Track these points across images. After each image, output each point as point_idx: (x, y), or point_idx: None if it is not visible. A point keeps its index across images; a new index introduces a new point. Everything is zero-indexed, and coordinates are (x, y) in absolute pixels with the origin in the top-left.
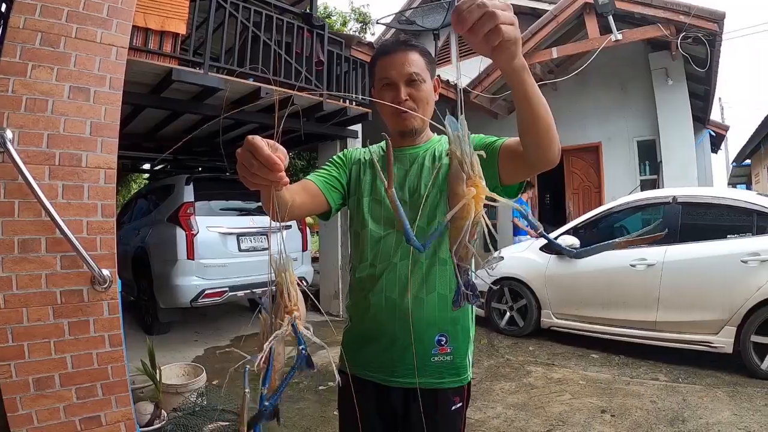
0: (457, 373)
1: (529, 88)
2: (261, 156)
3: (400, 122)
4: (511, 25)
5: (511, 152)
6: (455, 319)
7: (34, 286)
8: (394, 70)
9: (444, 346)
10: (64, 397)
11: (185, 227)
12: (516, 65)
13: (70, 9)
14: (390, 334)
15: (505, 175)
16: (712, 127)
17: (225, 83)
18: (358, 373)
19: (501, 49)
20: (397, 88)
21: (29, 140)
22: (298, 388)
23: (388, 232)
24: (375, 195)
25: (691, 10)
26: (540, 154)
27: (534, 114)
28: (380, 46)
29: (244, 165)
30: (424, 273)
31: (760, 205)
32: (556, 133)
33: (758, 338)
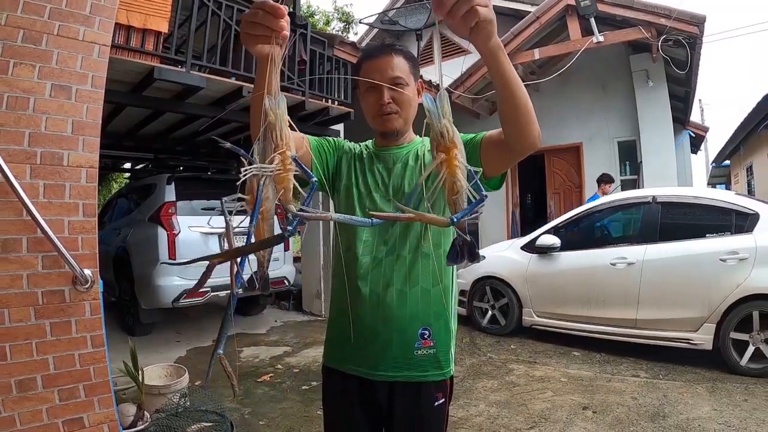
0: (440, 366)
1: (506, 66)
2: (267, 5)
3: (383, 124)
4: (486, 6)
5: (493, 142)
6: (438, 313)
7: (16, 286)
8: (378, 73)
9: (427, 340)
10: (47, 399)
11: (167, 227)
12: (492, 45)
13: (53, 6)
14: (373, 328)
15: (487, 166)
16: (691, 128)
17: (207, 82)
18: (341, 367)
19: (478, 29)
20: (381, 92)
21: (10, 138)
22: (281, 388)
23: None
24: (362, 188)
25: (671, 13)
26: (521, 136)
27: (512, 93)
28: (365, 50)
29: (248, 19)
30: (408, 267)
31: (738, 205)
32: (535, 116)
33: (737, 335)
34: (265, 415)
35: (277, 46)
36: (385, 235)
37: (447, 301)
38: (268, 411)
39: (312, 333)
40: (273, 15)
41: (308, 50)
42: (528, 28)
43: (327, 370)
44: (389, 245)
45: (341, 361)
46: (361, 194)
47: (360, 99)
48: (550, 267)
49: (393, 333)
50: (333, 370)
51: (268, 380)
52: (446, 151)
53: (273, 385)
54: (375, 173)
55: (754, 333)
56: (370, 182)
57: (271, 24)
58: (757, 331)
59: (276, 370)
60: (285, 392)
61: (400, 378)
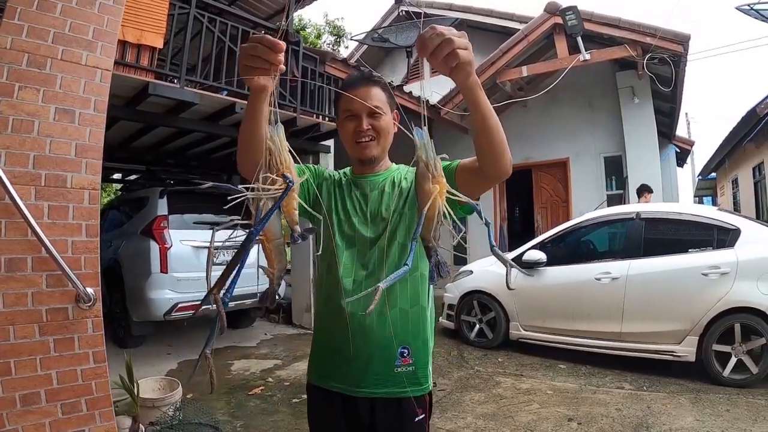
0: (419, 383)
1: (483, 100)
2: (266, 40)
3: (360, 151)
4: (466, 49)
5: (468, 170)
6: (416, 332)
7: (21, 304)
8: (357, 103)
9: (406, 358)
10: (50, 413)
11: (159, 240)
12: (471, 82)
13: (56, 31)
14: (355, 347)
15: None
16: (677, 143)
17: (200, 98)
18: (324, 384)
19: (458, 69)
20: (360, 119)
21: (16, 161)
22: (272, 401)
23: (351, 249)
24: (342, 215)
25: (657, 32)
26: (494, 164)
27: (487, 124)
28: (345, 80)
29: (247, 52)
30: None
31: (719, 221)
32: (507, 144)
33: (719, 347)
34: (257, 428)
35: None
36: (363, 259)
37: (424, 321)
38: (260, 424)
39: (302, 346)
40: (272, 50)
41: (300, 66)
42: (516, 45)
43: (311, 387)
44: (369, 269)
45: (324, 378)
46: (340, 220)
47: (339, 127)
48: (536, 282)
49: (374, 352)
50: (317, 387)
51: (259, 393)
52: (439, 183)
53: (264, 398)
54: (353, 199)
55: (736, 345)
56: (349, 208)
57: (270, 58)
58: (739, 343)
59: (267, 383)
60: (276, 405)
61: (380, 394)
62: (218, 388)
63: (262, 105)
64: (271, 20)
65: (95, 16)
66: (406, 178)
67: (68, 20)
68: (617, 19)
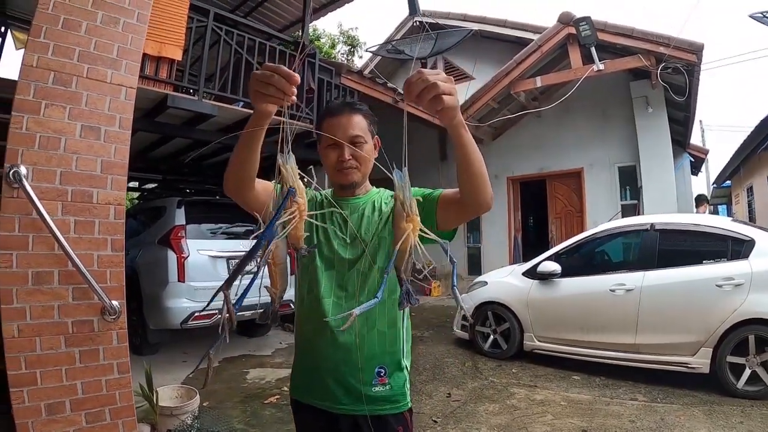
0: (396, 401)
1: (466, 139)
2: (282, 71)
3: (342, 177)
4: (450, 95)
5: (449, 201)
6: (392, 353)
7: (47, 316)
8: (339, 131)
9: (383, 377)
10: (74, 422)
11: (176, 250)
12: (455, 122)
13: (82, 49)
14: (334, 366)
15: (441, 221)
16: (692, 151)
17: (218, 110)
18: (307, 400)
19: (443, 112)
20: (342, 148)
21: (42, 177)
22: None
23: (330, 271)
24: (322, 236)
25: (670, 42)
26: (474, 197)
27: (469, 159)
28: (327, 107)
29: (261, 80)
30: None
31: (734, 231)
32: (488, 179)
33: (734, 358)
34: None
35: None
36: (342, 280)
37: (399, 342)
38: None
39: None
40: (287, 80)
41: (316, 79)
42: (530, 56)
43: (294, 402)
44: (349, 291)
45: (303, 393)
46: (320, 242)
47: (320, 154)
48: (551, 293)
49: (352, 371)
50: (299, 402)
51: (275, 402)
52: (413, 222)
53: (280, 406)
54: (333, 221)
55: (751, 356)
56: (329, 231)
57: (284, 88)
58: (753, 355)
59: (282, 392)
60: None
61: (361, 412)
62: (234, 397)
63: (262, 130)
64: (286, 31)
65: (119, 35)
66: (386, 203)
67: (93, 39)
68: (631, 29)
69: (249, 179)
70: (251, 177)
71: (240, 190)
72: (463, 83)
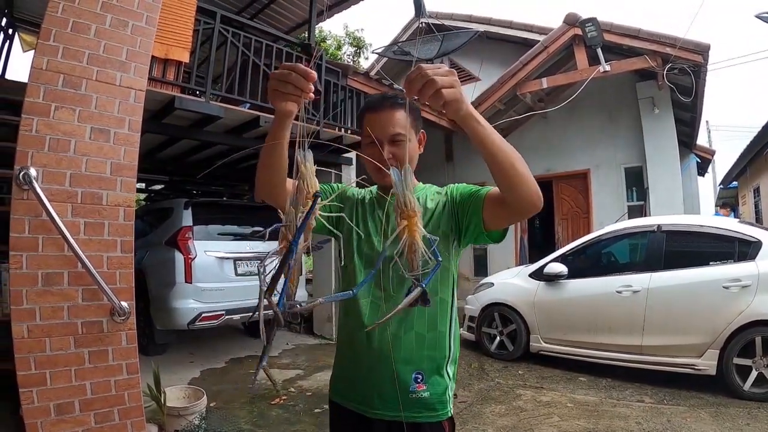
0: (434, 409)
1: (481, 131)
2: (299, 68)
3: (382, 178)
4: (451, 87)
5: (496, 199)
6: (432, 358)
7: (57, 317)
8: (379, 129)
9: (420, 383)
10: (83, 422)
11: (183, 251)
12: (462, 115)
13: (91, 52)
14: (369, 368)
15: (489, 221)
16: (698, 152)
17: (225, 111)
18: (342, 402)
19: (446, 106)
20: (381, 147)
21: (52, 179)
22: (294, 411)
23: (370, 270)
24: (363, 233)
25: (677, 43)
26: (512, 195)
27: (492, 153)
28: (368, 101)
29: (278, 78)
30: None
31: (741, 233)
32: (529, 176)
33: (740, 360)
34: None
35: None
36: (380, 280)
37: (442, 347)
38: None
39: (323, 356)
40: (305, 78)
41: (323, 80)
42: (536, 57)
43: (331, 403)
44: (387, 291)
45: (342, 396)
46: (360, 238)
47: (362, 150)
48: (557, 294)
49: (387, 375)
50: (336, 404)
51: (282, 403)
52: (408, 218)
53: (286, 407)
54: (375, 218)
55: (757, 358)
56: (370, 227)
57: (302, 86)
58: (760, 357)
59: (289, 393)
60: (299, 415)
61: (396, 418)
62: (240, 397)
63: (286, 131)
64: (292, 33)
65: (128, 38)
66: (432, 199)
67: (102, 41)
68: (637, 30)
69: (279, 183)
70: (281, 180)
71: (272, 195)
72: (469, 84)
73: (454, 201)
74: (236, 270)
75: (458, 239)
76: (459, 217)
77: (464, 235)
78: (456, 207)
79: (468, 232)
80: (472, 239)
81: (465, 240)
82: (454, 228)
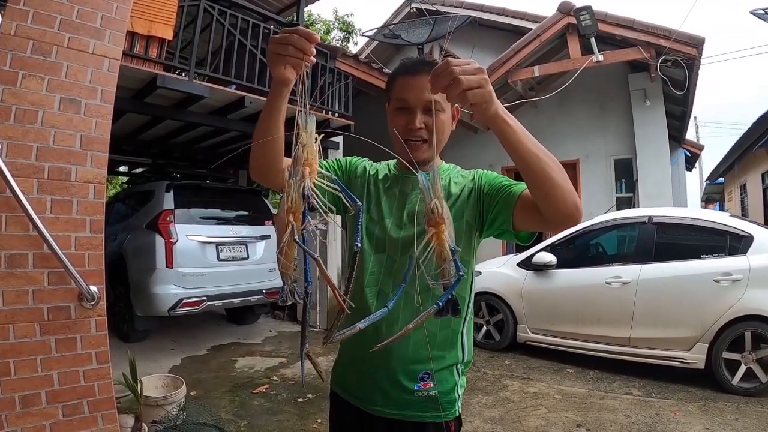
0: (442, 408)
1: (510, 135)
2: (302, 31)
3: (409, 153)
4: (478, 88)
5: (530, 203)
6: (442, 357)
7: (21, 302)
8: (413, 93)
9: (427, 382)
10: (51, 415)
11: (164, 235)
12: (490, 116)
13: (63, 17)
14: (373, 364)
15: (519, 222)
16: (687, 147)
17: (210, 91)
18: (342, 394)
19: (473, 107)
20: (413, 114)
21: (18, 152)
22: (277, 400)
23: (380, 255)
24: (374, 214)
25: (671, 35)
26: (548, 209)
27: (523, 158)
28: (403, 62)
29: (279, 41)
30: (415, 307)
31: (732, 227)
32: (566, 187)
33: (729, 354)
34: (262, 428)
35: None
36: (393, 266)
37: (453, 345)
38: (264, 423)
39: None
40: (307, 39)
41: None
42: (528, 45)
43: (332, 393)
44: (397, 281)
45: (343, 388)
46: (371, 220)
47: (388, 117)
48: (545, 284)
49: (393, 372)
50: (336, 395)
51: (264, 392)
52: (436, 225)
53: (269, 396)
54: (391, 197)
55: (746, 353)
56: (384, 207)
57: (304, 47)
58: (749, 351)
59: (272, 382)
60: (281, 404)
61: (397, 416)
62: (222, 386)
63: (283, 101)
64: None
65: (104, 3)
66: (456, 183)
67: (76, 7)
68: (631, 21)
69: (274, 161)
70: (276, 157)
71: (267, 175)
72: None
73: (482, 190)
74: (219, 255)
75: (480, 231)
76: (484, 208)
77: (487, 227)
78: (483, 197)
79: (492, 227)
80: (494, 234)
81: (487, 233)
82: (477, 219)
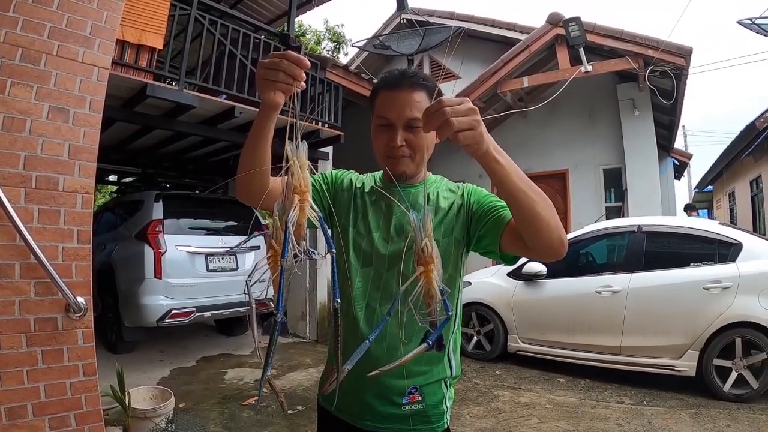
0: (430, 422)
1: (500, 174)
2: (290, 56)
3: (391, 165)
4: (469, 130)
5: (516, 230)
6: (430, 373)
7: (7, 313)
8: (394, 111)
9: (414, 395)
10: (37, 427)
11: (153, 245)
12: (481, 155)
13: (53, 25)
14: (360, 378)
15: (506, 246)
16: (675, 155)
17: (199, 101)
18: (329, 408)
19: (464, 147)
20: (395, 132)
21: (5, 161)
22: (266, 412)
23: (367, 269)
24: (362, 228)
25: (659, 45)
26: (534, 243)
27: (513, 196)
28: (385, 75)
29: (268, 66)
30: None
31: (721, 235)
32: (552, 222)
33: (720, 362)
34: None
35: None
36: (380, 280)
37: (440, 361)
38: None
39: (296, 356)
40: (297, 65)
41: None
42: (518, 56)
43: (319, 407)
44: (385, 294)
45: (329, 402)
46: (358, 233)
47: (372, 131)
48: (536, 294)
49: (379, 387)
50: (323, 408)
51: (254, 404)
52: (425, 264)
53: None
54: (378, 210)
55: (737, 359)
56: (371, 221)
57: (294, 73)
58: (740, 358)
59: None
60: (270, 416)
61: (386, 431)
62: (211, 398)
63: (271, 124)
64: (272, 24)
65: (94, 12)
66: (445, 198)
67: (65, 15)
68: (620, 31)
69: (261, 183)
70: (263, 180)
71: (253, 196)
72: (449, 82)
73: (471, 208)
74: (208, 265)
75: (467, 247)
76: (472, 226)
77: (474, 244)
78: (471, 215)
79: (479, 245)
80: (480, 252)
81: (473, 248)
82: (465, 236)
